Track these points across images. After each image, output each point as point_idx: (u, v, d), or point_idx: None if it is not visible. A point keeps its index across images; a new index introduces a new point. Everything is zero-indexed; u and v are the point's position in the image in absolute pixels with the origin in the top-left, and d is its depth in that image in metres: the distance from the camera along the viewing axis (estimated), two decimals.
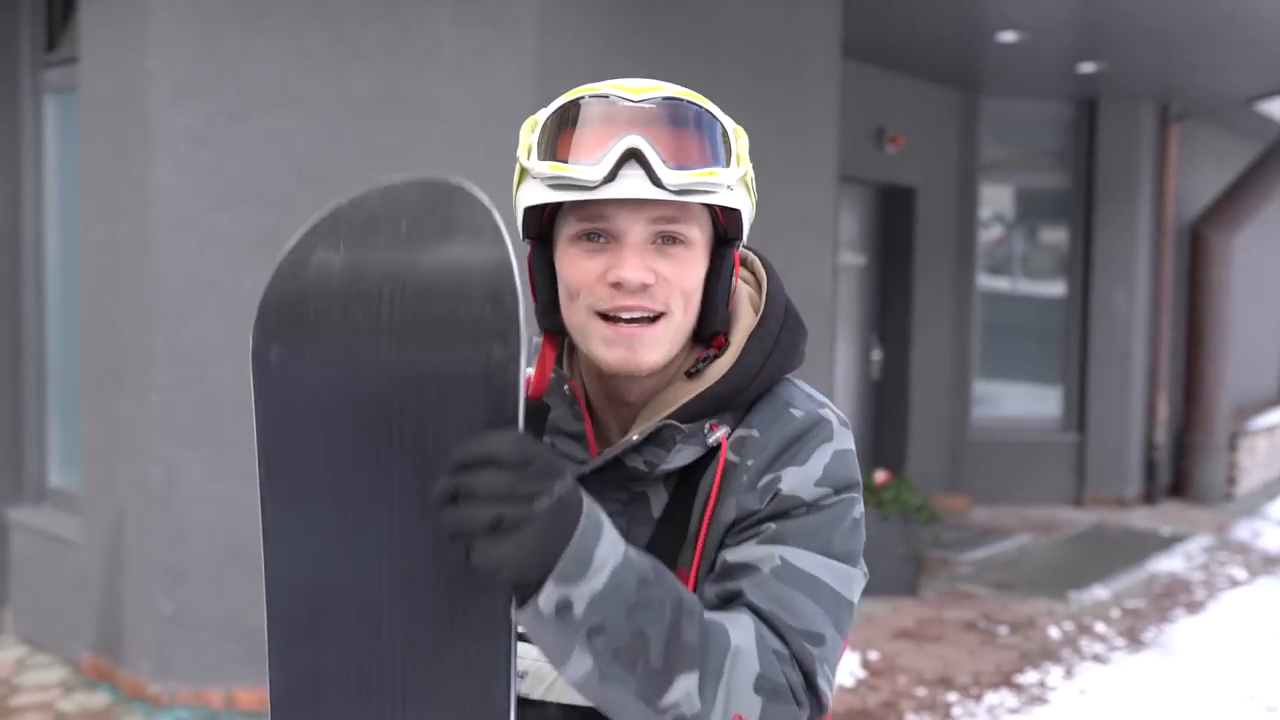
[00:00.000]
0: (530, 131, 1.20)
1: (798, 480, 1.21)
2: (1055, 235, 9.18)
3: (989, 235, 9.16)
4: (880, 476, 6.44)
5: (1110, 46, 7.15)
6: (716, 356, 1.26)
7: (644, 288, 1.17)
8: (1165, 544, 7.68)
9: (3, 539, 5.22)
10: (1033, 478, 8.83)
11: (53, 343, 5.21)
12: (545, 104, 1.23)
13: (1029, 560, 7.21)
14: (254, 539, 1.16)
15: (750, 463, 1.23)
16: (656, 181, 1.13)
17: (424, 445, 1.04)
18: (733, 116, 1.28)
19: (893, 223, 8.28)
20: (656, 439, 1.23)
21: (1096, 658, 5.44)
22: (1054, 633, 5.75)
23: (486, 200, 1.05)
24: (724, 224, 1.23)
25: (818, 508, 1.21)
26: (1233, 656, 5.51)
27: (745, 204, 1.23)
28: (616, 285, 1.17)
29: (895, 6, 6.21)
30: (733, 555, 1.20)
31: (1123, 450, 8.84)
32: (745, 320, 1.28)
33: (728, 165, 1.18)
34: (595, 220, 1.18)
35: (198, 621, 4.27)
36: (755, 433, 1.25)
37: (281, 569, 1.12)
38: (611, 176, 1.13)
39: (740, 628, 1.12)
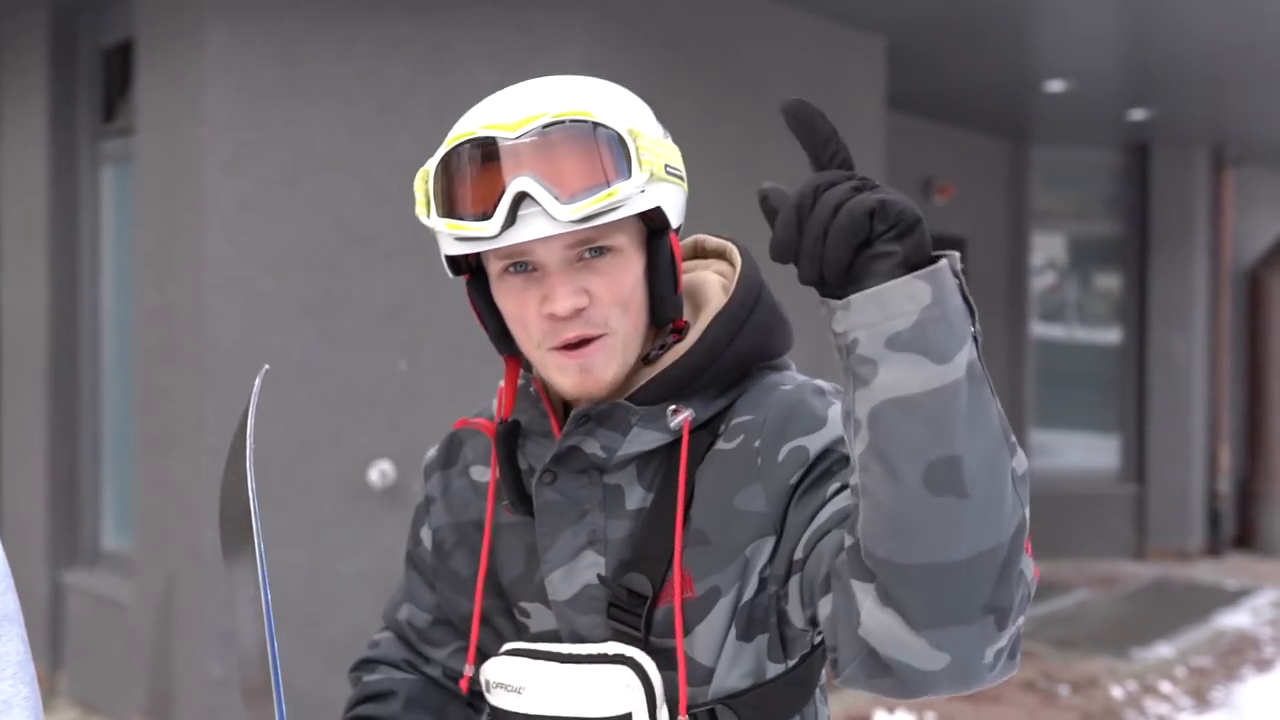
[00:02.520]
0: (424, 185, 1.16)
1: (831, 436, 1.16)
2: (1109, 281, 9.07)
3: (1042, 282, 9.07)
4: None
5: (1160, 93, 7.09)
6: (675, 342, 1.23)
7: (578, 312, 1.15)
8: (1231, 598, 7.48)
9: (58, 602, 5.27)
10: (1091, 530, 8.66)
11: (107, 407, 5.29)
12: None
13: (1089, 616, 7.05)
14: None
15: (758, 443, 1.17)
16: (554, 218, 1.09)
17: None
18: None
19: None
20: (609, 422, 1.20)
21: (1162, 718, 5.28)
22: (1117, 692, 5.60)
23: None
24: (651, 218, 1.18)
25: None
26: None
27: (667, 195, 1.16)
28: (551, 317, 1.15)
29: (941, 58, 6.21)
30: (823, 515, 1.11)
31: (1184, 501, 8.65)
32: (713, 305, 1.25)
33: (629, 175, 1.11)
34: (514, 256, 1.15)
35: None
36: (748, 416, 1.20)
37: None
38: (510, 223, 1.09)
39: None
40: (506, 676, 1.24)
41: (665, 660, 1.18)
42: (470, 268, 1.23)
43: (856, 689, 1.06)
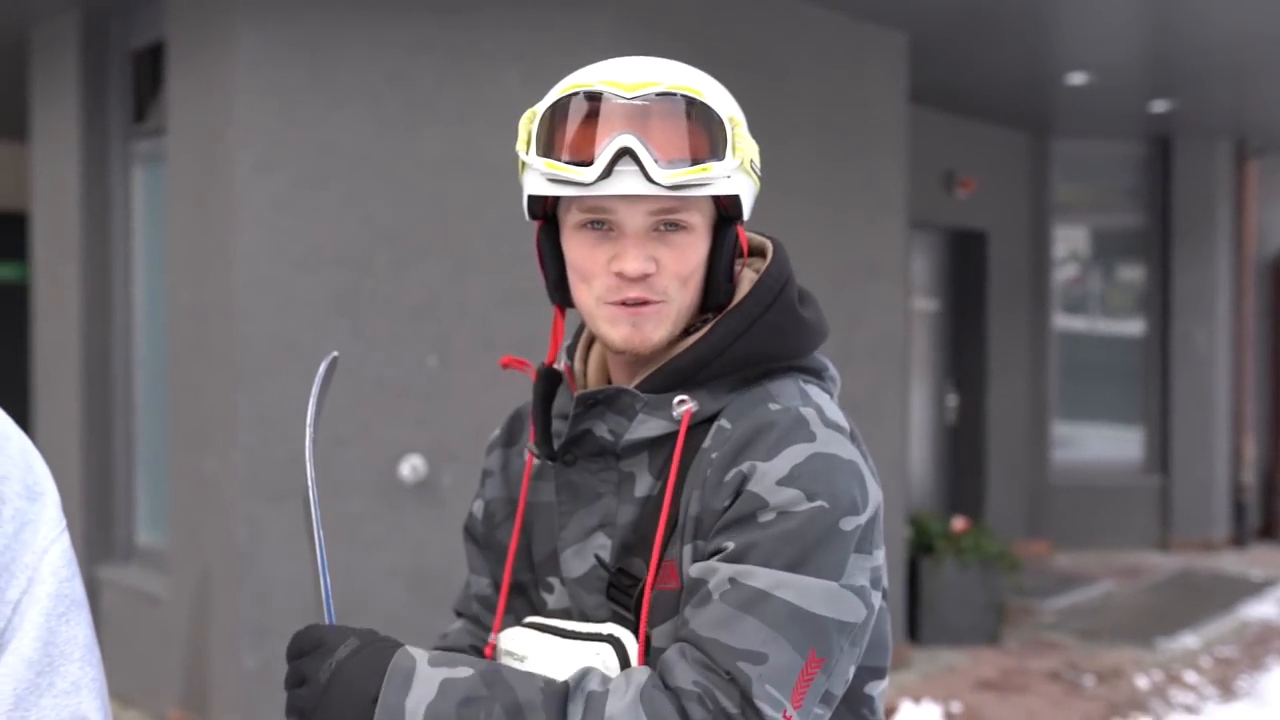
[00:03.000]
0: (529, 124, 1.22)
1: (760, 477, 1.16)
2: (1132, 273, 9.06)
3: (1064, 274, 9.07)
4: (958, 524, 6.37)
5: (1182, 85, 7.08)
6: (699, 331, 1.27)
7: (644, 277, 1.20)
8: (1256, 589, 7.47)
9: (93, 597, 5.35)
10: (1116, 522, 8.66)
11: (141, 404, 5.37)
12: None
13: (1114, 607, 7.06)
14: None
15: (714, 455, 1.20)
16: (650, 179, 1.15)
17: None
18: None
19: (965, 267, 8.23)
20: (616, 406, 1.25)
21: (1187, 708, 5.29)
22: (1142, 682, 5.62)
23: None
24: (725, 205, 1.24)
25: (786, 515, 1.14)
26: None
27: (746, 188, 1.24)
28: (619, 275, 1.20)
29: (962, 53, 6.22)
30: (694, 570, 1.17)
31: (1208, 492, 8.64)
32: (735, 300, 1.29)
33: (723, 157, 1.19)
34: (596, 212, 1.20)
35: (281, 677, 4.33)
36: (727, 424, 1.22)
37: None
38: (606, 174, 1.15)
39: (627, 689, 1.12)
40: (515, 646, 1.30)
41: (648, 646, 1.23)
42: (547, 215, 1.28)
43: None
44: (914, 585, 6.07)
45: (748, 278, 1.32)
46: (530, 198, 1.25)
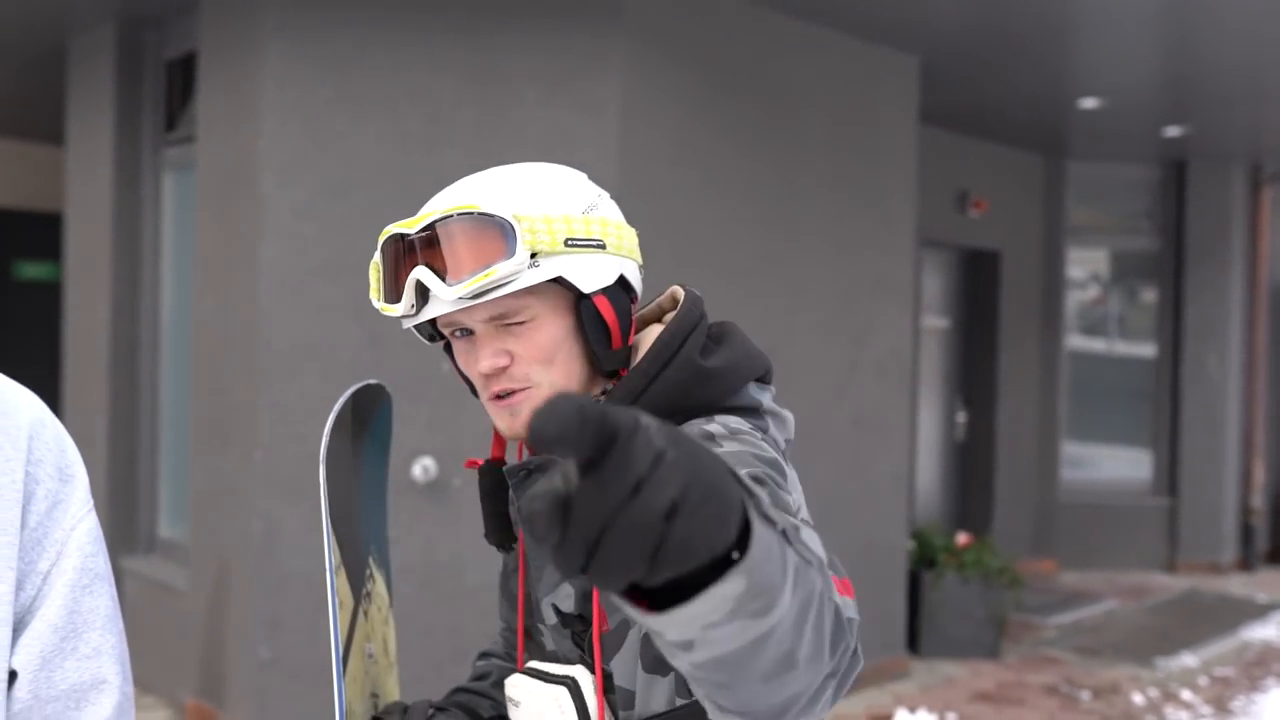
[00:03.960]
0: (375, 274, 1.38)
1: None
2: (1149, 296, 9.13)
3: (1085, 295, 9.14)
4: (961, 539, 6.46)
5: (1197, 110, 7.17)
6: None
7: (500, 370, 1.34)
8: (1260, 611, 7.53)
9: (117, 585, 5.51)
10: (1123, 542, 8.73)
11: (165, 403, 5.54)
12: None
13: (1116, 625, 7.14)
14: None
15: None
16: (442, 299, 1.30)
17: None
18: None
19: (977, 286, 8.33)
20: (543, 470, 1.36)
21: None
22: (1138, 699, 5.70)
23: None
24: (569, 284, 1.32)
25: (714, 441, 1.23)
26: None
27: (570, 266, 1.31)
28: (482, 374, 1.35)
29: (974, 76, 6.34)
30: None
31: (1217, 515, 8.69)
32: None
33: (511, 255, 1.27)
34: (453, 325, 1.36)
35: (294, 667, 4.49)
36: None
37: None
38: (424, 303, 1.31)
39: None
40: (513, 692, 1.45)
41: (611, 684, 1.36)
42: (443, 335, 1.42)
43: None
44: (915, 597, 6.17)
45: (655, 333, 1.41)
46: (415, 329, 1.41)
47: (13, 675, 1.25)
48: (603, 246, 1.34)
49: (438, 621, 4.44)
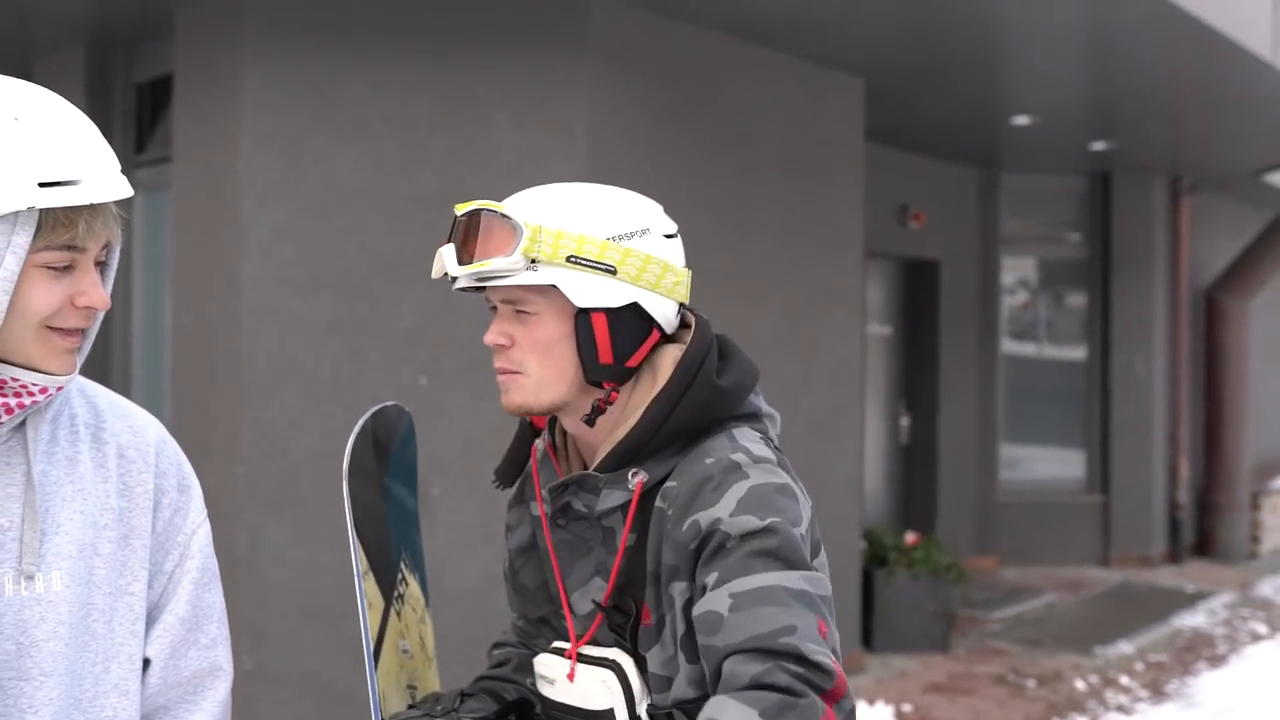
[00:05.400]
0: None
1: (715, 518, 1.42)
2: (1078, 300, 9.51)
3: (1015, 300, 9.50)
4: (910, 538, 6.73)
5: (1120, 126, 7.54)
6: (601, 411, 1.53)
7: (500, 348, 1.55)
8: (1189, 601, 7.91)
9: None
10: (1059, 538, 9.07)
11: None
12: None
13: (1056, 617, 7.46)
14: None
15: (670, 511, 1.47)
16: (451, 274, 1.52)
17: None
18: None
19: (918, 294, 8.64)
20: (585, 487, 1.56)
21: (1121, 709, 5.68)
22: (1080, 685, 6.01)
23: None
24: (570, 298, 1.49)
25: (748, 536, 1.41)
26: (1254, 708, 5.74)
27: (566, 280, 1.48)
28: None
29: (915, 96, 6.63)
30: (697, 609, 1.42)
31: (1146, 510, 9.07)
32: (655, 382, 1.53)
33: (509, 254, 1.47)
34: (490, 298, 1.57)
35: (278, 676, 4.61)
36: (674, 483, 1.49)
37: None
38: (453, 273, 1.52)
39: (725, 707, 1.33)
40: (546, 669, 1.65)
41: (643, 668, 1.56)
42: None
43: None
44: (868, 595, 6.43)
45: (669, 358, 1.55)
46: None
47: (145, 662, 1.42)
48: (612, 272, 1.50)
49: None
